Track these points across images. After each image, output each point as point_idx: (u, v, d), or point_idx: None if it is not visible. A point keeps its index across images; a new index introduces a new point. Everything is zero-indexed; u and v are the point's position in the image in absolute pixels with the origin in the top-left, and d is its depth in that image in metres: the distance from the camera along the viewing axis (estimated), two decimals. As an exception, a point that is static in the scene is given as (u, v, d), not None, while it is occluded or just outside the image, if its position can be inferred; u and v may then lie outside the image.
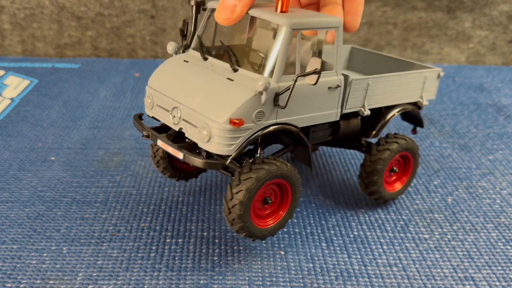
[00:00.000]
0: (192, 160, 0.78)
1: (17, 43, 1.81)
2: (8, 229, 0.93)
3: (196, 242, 0.90)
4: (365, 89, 0.90)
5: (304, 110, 0.82)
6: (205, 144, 0.77)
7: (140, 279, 0.82)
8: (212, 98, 0.78)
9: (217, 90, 0.78)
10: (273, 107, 0.77)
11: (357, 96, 0.89)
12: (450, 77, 1.71)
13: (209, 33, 0.90)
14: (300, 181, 0.83)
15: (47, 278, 0.82)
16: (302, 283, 0.82)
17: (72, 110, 1.40)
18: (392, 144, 0.96)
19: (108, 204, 1.00)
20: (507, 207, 1.03)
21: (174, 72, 0.86)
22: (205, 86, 0.80)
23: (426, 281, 0.84)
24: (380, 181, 0.97)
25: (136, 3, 1.77)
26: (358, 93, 0.89)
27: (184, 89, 0.82)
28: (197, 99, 0.79)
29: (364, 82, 0.89)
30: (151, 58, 1.85)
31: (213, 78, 0.80)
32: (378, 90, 0.92)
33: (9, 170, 1.10)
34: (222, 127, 0.74)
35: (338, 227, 0.96)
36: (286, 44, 0.76)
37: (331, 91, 0.84)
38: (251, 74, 0.78)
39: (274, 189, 0.83)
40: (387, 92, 0.94)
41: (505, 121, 1.40)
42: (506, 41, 1.87)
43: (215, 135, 0.75)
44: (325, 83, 0.83)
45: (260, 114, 0.76)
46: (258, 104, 0.75)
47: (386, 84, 0.93)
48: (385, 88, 0.93)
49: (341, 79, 0.85)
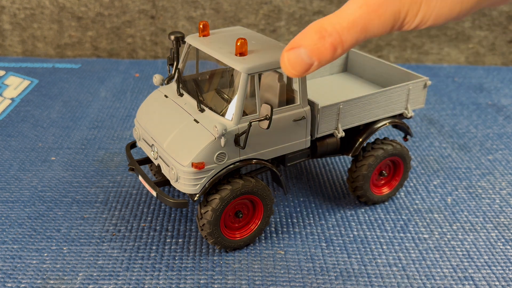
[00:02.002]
0: (164, 200, 0.84)
1: (17, 43, 1.81)
2: (8, 229, 0.93)
3: (196, 242, 0.91)
4: (337, 113, 0.90)
5: (270, 144, 0.85)
6: (175, 183, 0.82)
7: (140, 278, 0.82)
8: (179, 140, 0.82)
9: (183, 132, 0.82)
10: (234, 147, 0.81)
11: (328, 121, 0.90)
12: (450, 77, 1.71)
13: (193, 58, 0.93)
14: (269, 193, 0.87)
15: (48, 278, 0.82)
16: (302, 283, 0.82)
17: (73, 110, 1.40)
18: (378, 150, 0.96)
19: (109, 204, 1.00)
20: (506, 207, 1.04)
21: (154, 107, 0.91)
22: (175, 126, 0.84)
23: (426, 280, 0.84)
24: (367, 185, 0.97)
25: (136, 3, 1.77)
26: (330, 118, 0.90)
27: (160, 127, 0.87)
28: (168, 139, 0.83)
29: (335, 107, 0.89)
30: (151, 58, 1.85)
31: (182, 118, 0.84)
32: (353, 111, 0.92)
33: (9, 170, 1.11)
34: (186, 170, 0.79)
35: (338, 227, 0.96)
36: (243, 89, 0.79)
37: (297, 123, 0.86)
38: (214, 116, 0.82)
39: (245, 203, 0.88)
40: (364, 111, 0.93)
41: (505, 121, 1.40)
42: (505, 41, 1.87)
43: (181, 176, 0.80)
44: (290, 116, 0.85)
45: (221, 155, 0.80)
46: (218, 147, 0.79)
47: (362, 104, 0.92)
48: (361, 108, 0.93)
49: (307, 110, 0.86)
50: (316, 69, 0.59)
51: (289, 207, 1.01)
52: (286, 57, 0.59)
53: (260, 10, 1.78)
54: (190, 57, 0.92)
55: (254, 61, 0.78)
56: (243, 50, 0.78)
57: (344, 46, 0.56)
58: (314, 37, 0.56)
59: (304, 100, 0.85)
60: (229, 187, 0.82)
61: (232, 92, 0.85)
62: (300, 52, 0.58)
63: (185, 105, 0.86)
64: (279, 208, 1.00)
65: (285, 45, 0.83)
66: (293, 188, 1.07)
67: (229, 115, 0.80)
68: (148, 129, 0.89)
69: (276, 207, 1.01)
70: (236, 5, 1.78)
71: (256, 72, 0.78)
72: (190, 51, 0.91)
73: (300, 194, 1.05)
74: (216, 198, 0.82)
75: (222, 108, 0.83)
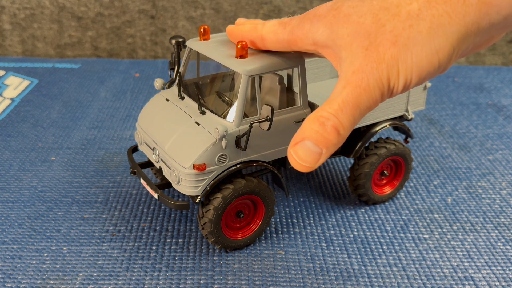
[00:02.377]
0: (165, 202, 0.85)
1: (17, 43, 1.81)
2: (8, 229, 0.93)
3: (196, 242, 0.91)
4: None
5: (271, 145, 0.86)
6: (176, 185, 0.83)
7: (140, 279, 0.82)
8: (180, 143, 0.82)
9: (185, 134, 0.83)
10: (235, 149, 0.81)
11: None
12: (450, 77, 1.71)
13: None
14: (271, 193, 0.88)
15: (48, 278, 0.82)
16: (302, 283, 0.82)
17: (72, 110, 1.40)
18: (381, 149, 0.96)
19: (109, 204, 1.00)
20: (506, 207, 1.04)
21: (155, 111, 0.91)
22: (177, 128, 0.84)
23: (426, 281, 0.84)
24: (368, 184, 0.97)
25: (136, 3, 1.77)
26: None
27: (161, 130, 0.87)
28: (169, 142, 0.84)
29: None
30: (151, 58, 1.85)
31: (184, 121, 0.85)
32: None
33: (9, 170, 1.11)
34: (187, 172, 0.80)
35: (338, 227, 0.96)
36: (244, 91, 0.79)
37: (298, 124, 0.86)
38: (215, 118, 0.82)
39: (247, 203, 0.88)
40: None
41: (505, 121, 1.40)
42: (506, 41, 1.87)
43: (182, 178, 0.81)
44: (291, 118, 0.85)
45: (222, 157, 0.81)
46: (220, 149, 0.80)
47: None
48: None
49: (307, 112, 0.86)
50: (325, 158, 0.58)
51: (289, 207, 1.01)
52: (293, 153, 0.57)
53: (260, 10, 1.78)
54: (191, 61, 0.92)
55: (254, 63, 0.78)
56: (244, 53, 0.78)
57: (344, 127, 0.56)
58: (314, 126, 0.56)
59: (304, 102, 0.86)
60: (232, 186, 0.83)
61: (233, 95, 0.85)
62: (306, 144, 0.57)
63: (186, 108, 0.87)
64: (279, 208, 1.00)
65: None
66: (293, 188, 1.07)
67: (230, 117, 0.81)
68: (149, 132, 0.89)
69: (276, 207, 1.01)
70: (236, 5, 1.78)
71: (256, 74, 0.78)
72: (191, 55, 0.91)
73: (300, 194, 1.05)
74: (219, 197, 0.82)
75: (223, 110, 0.83)
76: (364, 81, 0.55)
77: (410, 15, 0.53)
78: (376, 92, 0.55)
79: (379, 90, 0.55)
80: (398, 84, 0.55)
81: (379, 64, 0.54)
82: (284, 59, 0.80)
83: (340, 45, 0.57)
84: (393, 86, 0.55)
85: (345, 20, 0.57)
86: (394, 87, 0.55)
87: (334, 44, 0.58)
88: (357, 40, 0.55)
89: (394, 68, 0.54)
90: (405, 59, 0.54)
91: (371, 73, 0.54)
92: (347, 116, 0.56)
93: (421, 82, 0.56)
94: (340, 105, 0.55)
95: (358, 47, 0.55)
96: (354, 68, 0.55)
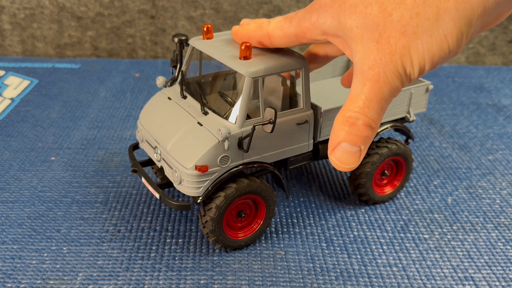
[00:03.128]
0: (167, 202, 0.84)
1: (17, 43, 1.81)
2: (8, 229, 0.93)
3: (196, 242, 0.91)
4: None
5: (273, 147, 0.86)
6: (178, 185, 0.83)
7: (140, 279, 0.82)
8: (182, 143, 0.82)
9: (187, 134, 0.83)
10: (237, 150, 0.81)
11: (331, 124, 0.90)
12: (450, 77, 1.71)
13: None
14: (272, 194, 0.88)
15: (47, 278, 0.82)
16: (302, 283, 0.82)
17: (72, 110, 1.40)
18: (383, 148, 0.96)
19: (108, 204, 1.00)
20: (507, 207, 1.04)
21: (157, 109, 0.91)
22: (178, 128, 0.84)
23: (426, 281, 0.84)
24: (369, 183, 0.97)
25: (136, 3, 1.77)
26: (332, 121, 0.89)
27: (163, 129, 0.87)
28: (171, 141, 0.84)
29: (338, 111, 0.89)
30: (151, 58, 1.85)
31: (186, 121, 0.84)
32: None
33: (9, 170, 1.11)
34: (189, 173, 0.80)
35: (338, 227, 0.96)
36: (247, 92, 0.79)
37: (300, 126, 0.86)
38: (218, 119, 0.82)
39: (248, 203, 0.88)
40: None
41: (505, 121, 1.40)
42: (506, 41, 1.87)
43: (184, 178, 0.81)
44: (293, 120, 0.85)
45: (224, 159, 0.81)
46: (222, 150, 0.80)
47: None
48: None
49: (310, 114, 0.86)
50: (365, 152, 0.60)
51: (289, 208, 1.01)
52: (334, 158, 0.59)
53: (260, 10, 1.78)
54: (194, 60, 0.92)
55: (258, 65, 0.78)
56: (247, 54, 0.78)
57: (375, 120, 0.58)
58: (346, 128, 0.58)
59: (307, 103, 0.86)
60: (234, 185, 0.83)
61: (235, 95, 0.85)
62: (343, 147, 0.58)
63: (189, 108, 0.86)
64: (279, 209, 1.00)
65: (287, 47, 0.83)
66: (294, 188, 1.07)
67: (232, 118, 0.80)
68: (151, 131, 0.89)
69: (277, 207, 1.01)
70: (236, 5, 1.77)
71: (260, 76, 0.78)
72: (193, 54, 0.91)
73: (300, 194, 1.05)
74: (221, 196, 0.82)
75: (226, 111, 0.83)
76: (382, 76, 0.56)
77: (415, 3, 0.54)
78: (396, 82, 0.56)
79: (398, 80, 0.56)
80: (413, 72, 0.56)
81: (392, 55, 0.55)
82: (288, 60, 0.80)
83: (350, 36, 0.58)
84: (409, 73, 0.56)
85: (351, 11, 0.57)
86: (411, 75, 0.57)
87: (344, 35, 0.59)
88: (367, 33, 0.56)
89: (407, 57, 0.55)
90: (416, 47, 0.54)
91: (387, 66, 0.55)
92: (375, 110, 0.57)
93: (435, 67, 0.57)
94: (365, 102, 0.56)
95: (369, 40, 0.56)
96: (369, 63, 0.56)
